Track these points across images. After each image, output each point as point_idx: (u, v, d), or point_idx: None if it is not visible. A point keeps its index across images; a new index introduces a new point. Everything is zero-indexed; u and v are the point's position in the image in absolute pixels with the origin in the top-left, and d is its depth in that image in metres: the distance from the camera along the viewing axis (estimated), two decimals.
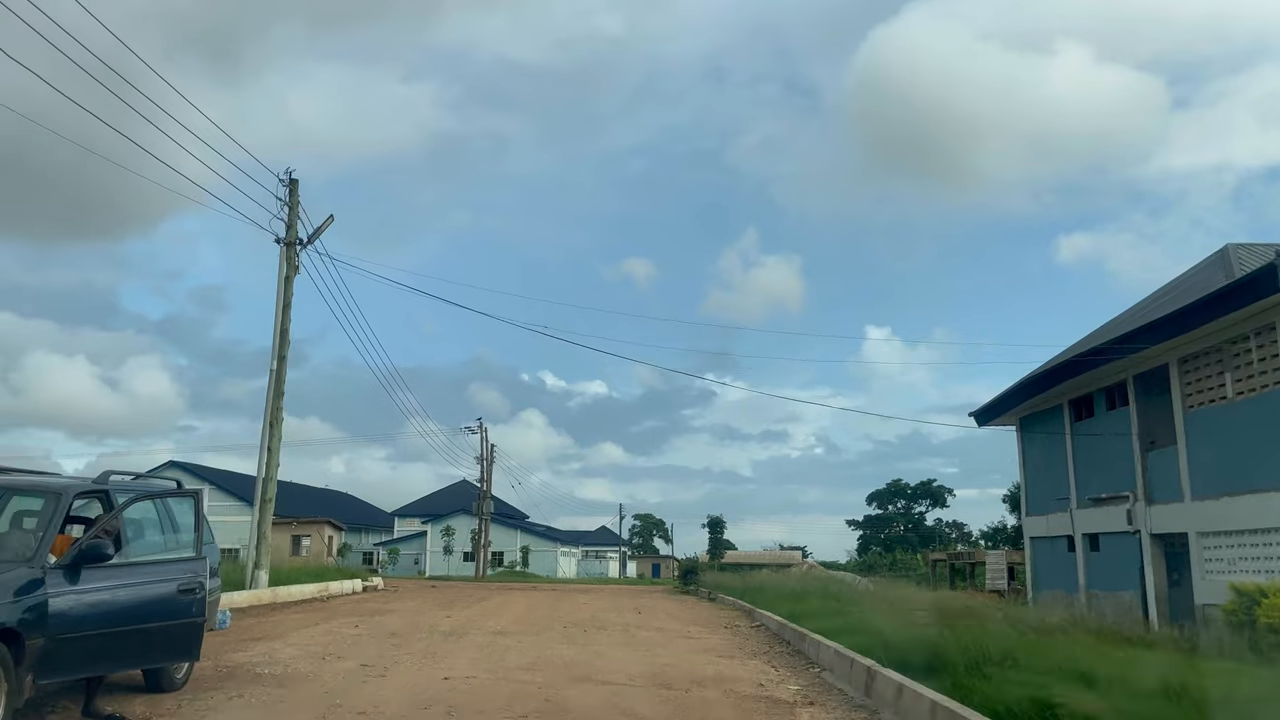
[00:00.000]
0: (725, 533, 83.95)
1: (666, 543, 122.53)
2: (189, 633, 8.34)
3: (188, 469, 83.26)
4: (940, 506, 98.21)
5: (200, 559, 8.70)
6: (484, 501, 56.73)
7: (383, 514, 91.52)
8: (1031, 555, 34.83)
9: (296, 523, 57.86)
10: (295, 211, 20.34)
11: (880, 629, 12.91)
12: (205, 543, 10.42)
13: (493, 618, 17.40)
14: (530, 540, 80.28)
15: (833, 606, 16.51)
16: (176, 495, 9.23)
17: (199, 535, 8.83)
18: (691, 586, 38.43)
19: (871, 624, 13.77)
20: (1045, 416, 33.23)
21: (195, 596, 8.36)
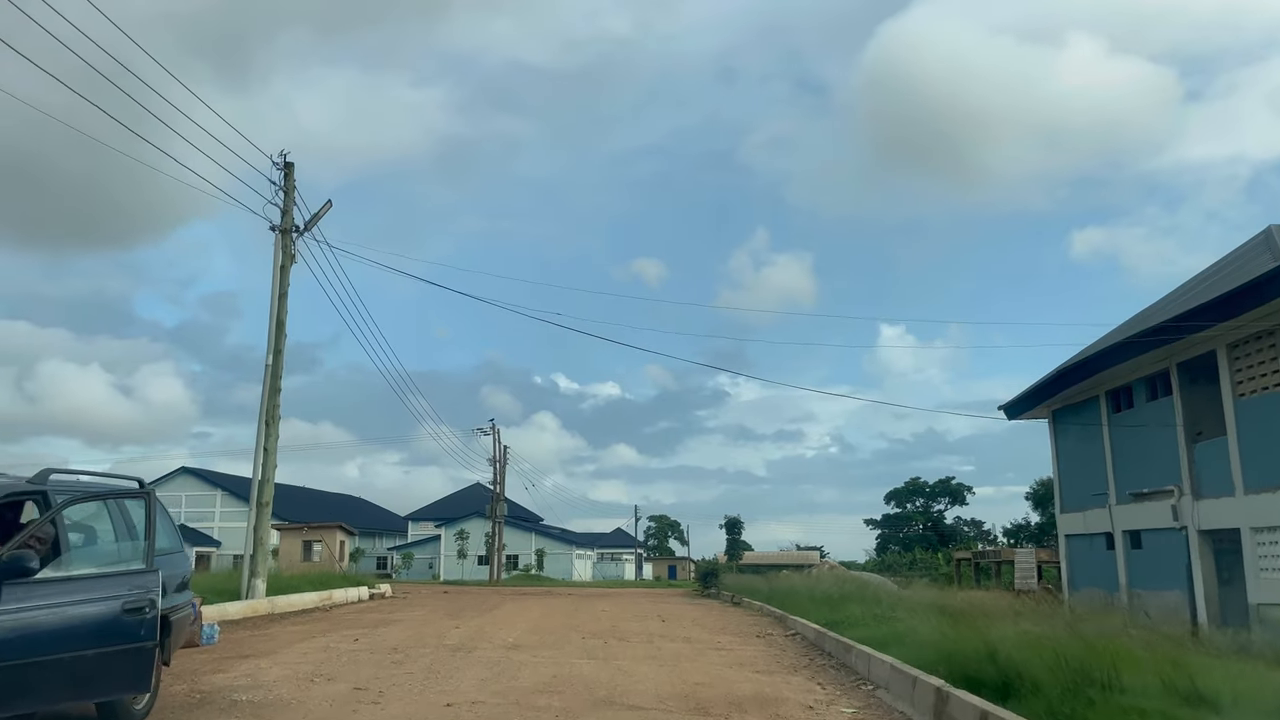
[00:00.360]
0: (742, 533, 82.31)
1: (682, 544, 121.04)
2: (137, 661, 6.92)
3: (200, 474, 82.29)
4: (959, 504, 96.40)
5: (151, 572, 7.27)
6: (497, 504, 55.23)
7: (396, 518, 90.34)
8: (1067, 553, 33.22)
9: (308, 528, 56.62)
10: (291, 197, 18.97)
11: (934, 638, 11.46)
12: (171, 551, 9.02)
13: (505, 628, 15.97)
14: (545, 543, 78.88)
15: (874, 612, 15.04)
16: (125, 495, 7.79)
17: (150, 543, 7.41)
18: (712, 590, 36.86)
19: (922, 632, 12.33)
20: (1080, 409, 31.66)
21: (144, 617, 6.94)
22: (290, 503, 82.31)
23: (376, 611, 20.23)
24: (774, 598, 22.45)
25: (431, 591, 37.59)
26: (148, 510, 7.55)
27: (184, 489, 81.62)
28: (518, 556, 78.52)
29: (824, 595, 19.49)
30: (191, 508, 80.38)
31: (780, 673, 11.55)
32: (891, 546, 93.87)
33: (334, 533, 56.16)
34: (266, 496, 19.50)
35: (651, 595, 37.58)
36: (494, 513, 55.31)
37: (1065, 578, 33.23)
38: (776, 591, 23.38)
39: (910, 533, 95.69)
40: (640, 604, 26.50)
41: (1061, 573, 33.93)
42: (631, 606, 24.28)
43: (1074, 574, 32.85)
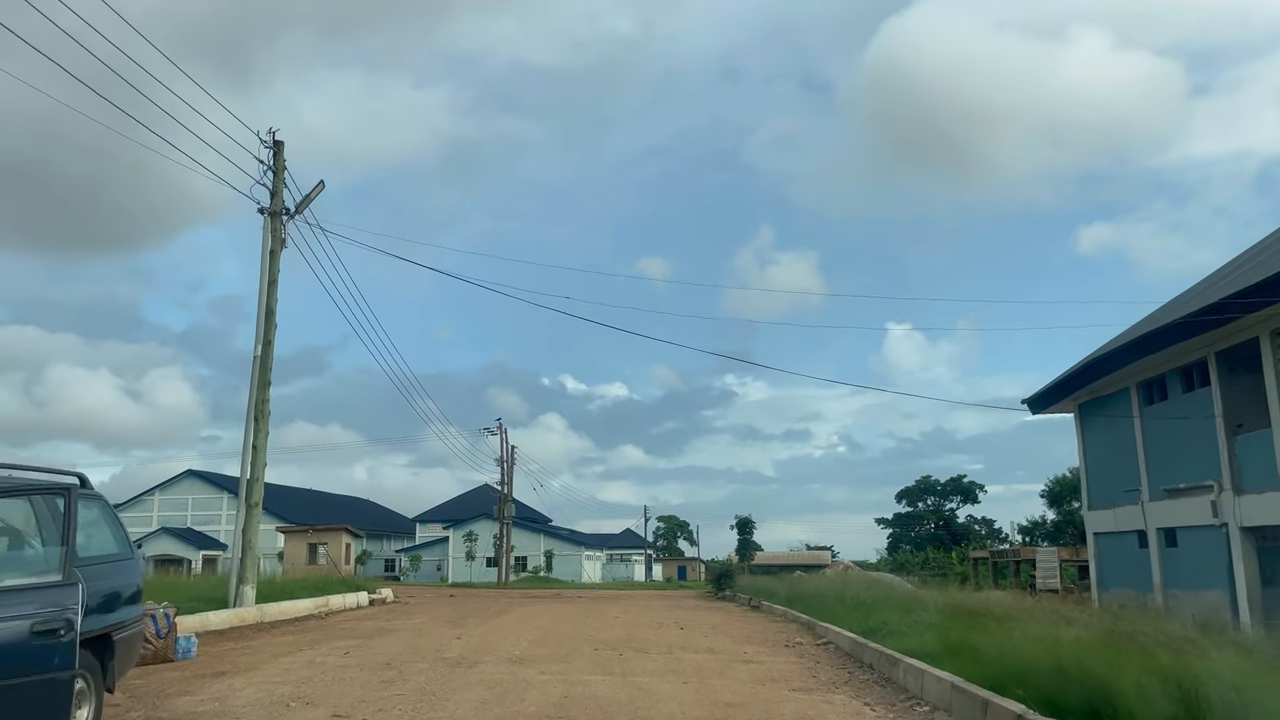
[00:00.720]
0: (754, 534, 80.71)
1: (691, 544, 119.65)
2: (50, 695, 5.55)
3: (206, 477, 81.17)
4: (971, 503, 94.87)
5: (68, 585, 5.87)
6: (505, 504, 53.75)
7: (404, 520, 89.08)
8: (1096, 552, 31.72)
9: (313, 531, 55.33)
10: (280, 177, 17.56)
11: (993, 650, 10.06)
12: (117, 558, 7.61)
13: (510, 637, 14.58)
14: (554, 544, 77.51)
15: (912, 618, 13.61)
16: (36, 492, 6.33)
17: (68, 550, 6.00)
18: (726, 592, 35.45)
19: (974, 642, 10.93)
20: (1109, 401, 30.18)
21: (60, 640, 5.57)
22: (297, 505, 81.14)
23: (374, 619, 18.84)
24: (796, 601, 21.01)
25: (437, 595, 36.18)
26: (68, 510, 6.14)
27: (191, 491, 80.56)
28: (526, 558, 77.19)
29: (853, 599, 18.05)
30: (198, 510, 79.30)
31: (820, 690, 10.14)
32: (903, 546, 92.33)
33: (339, 535, 54.83)
34: (256, 497, 18.12)
35: (663, 598, 36.14)
36: (501, 514, 53.87)
37: (1094, 577, 31.74)
38: (800, 595, 21.93)
39: (922, 531, 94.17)
40: (654, 608, 25.09)
41: (1090, 572, 32.44)
42: (645, 611, 22.86)
43: (1103, 573, 31.35)
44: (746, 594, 29.83)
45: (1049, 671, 8.58)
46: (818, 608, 18.33)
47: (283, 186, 17.63)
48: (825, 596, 19.43)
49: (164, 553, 74.60)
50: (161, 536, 75.56)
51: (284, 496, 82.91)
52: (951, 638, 11.41)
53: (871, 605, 16.20)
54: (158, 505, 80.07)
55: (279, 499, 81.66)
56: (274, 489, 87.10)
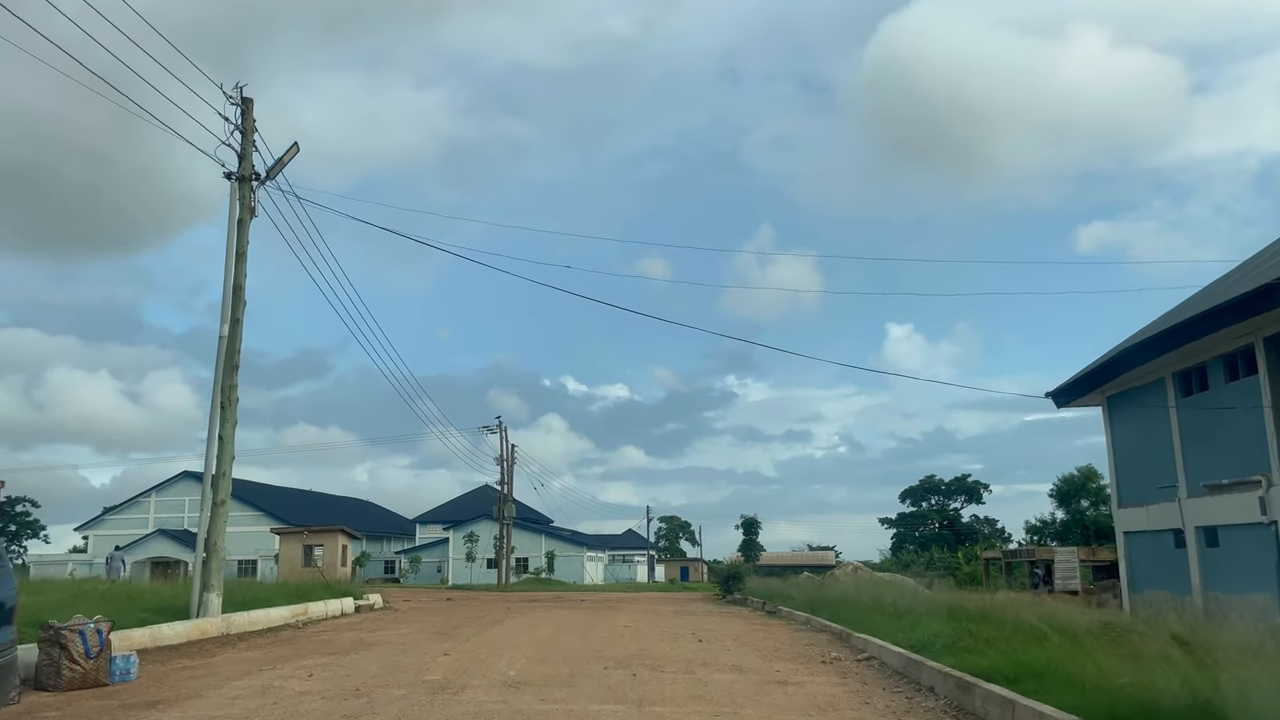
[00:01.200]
0: (759, 534, 78.48)
1: (693, 545, 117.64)
2: None
3: (199, 477, 79.12)
4: (976, 503, 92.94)
5: None
6: (505, 505, 51.63)
7: (405, 521, 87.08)
8: (1127, 552, 29.74)
9: (308, 532, 53.23)
10: (250, 138, 15.54)
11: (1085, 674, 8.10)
12: None
13: (506, 653, 12.57)
14: (555, 545, 75.46)
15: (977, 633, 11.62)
16: None
17: None
18: (736, 595, 33.36)
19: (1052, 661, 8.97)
20: (1142, 393, 28.21)
21: None
22: (294, 506, 79.10)
23: (356, 629, 16.81)
24: (821, 607, 18.97)
25: (433, 599, 34.13)
26: None
27: (187, 493, 78.51)
28: (527, 559, 75.19)
29: (891, 605, 16.08)
30: (195, 512, 77.04)
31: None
32: (908, 545, 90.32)
33: (336, 537, 52.75)
34: (223, 493, 16.13)
35: (670, 601, 34.08)
36: (501, 514, 51.78)
37: (1125, 579, 29.77)
38: (823, 600, 19.85)
39: (926, 531, 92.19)
40: (663, 614, 23.08)
41: (1119, 573, 30.47)
42: (655, 618, 20.83)
43: (1135, 575, 29.38)
44: (759, 597, 27.81)
45: (1190, 711, 6.61)
46: (847, 615, 16.33)
47: (252, 149, 15.64)
48: (855, 602, 17.44)
49: (160, 555, 72.60)
50: (158, 539, 73.58)
51: (280, 497, 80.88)
52: (1021, 655, 9.47)
53: (908, 612, 14.21)
54: (154, 507, 78.09)
55: (275, 500, 79.65)
56: (270, 490, 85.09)
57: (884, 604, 15.81)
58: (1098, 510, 63.60)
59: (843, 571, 49.51)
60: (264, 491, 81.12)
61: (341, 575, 55.25)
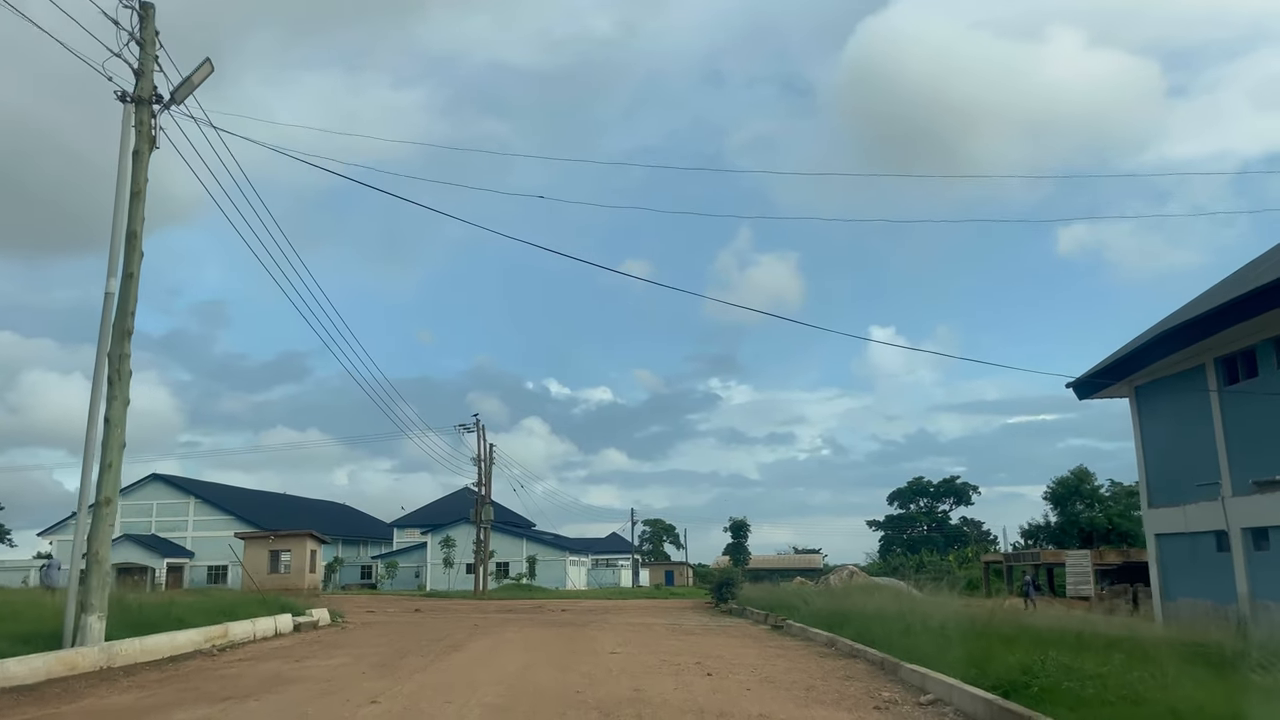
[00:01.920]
0: (748, 537, 75.07)
1: (677, 548, 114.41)
2: None
3: (172, 481, 75.28)
4: (964, 505, 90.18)
5: None
6: (482, 507, 48.05)
7: (383, 525, 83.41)
8: (1158, 556, 26.74)
9: (274, 537, 49.76)
10: (150, 52, 12.22)
11: None
12: None
13: (458, 698, 9.24)
14: (537, 549, 72.00)
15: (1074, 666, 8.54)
16: None
17: None
18: (731, 604, 30.13)
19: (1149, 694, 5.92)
20: (1177, 381, 25.26)
21: None
22: (268, 510, 75.37)
23: (282, 657, 13.43)
24: (840, 623, 15.74)
25: (400, 610, 30.74)
26: None
27: (155, 496, 74.67)
28: (508, 564, 71.71)
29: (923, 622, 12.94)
30: (163, 516, 73.42)
31: None
32: (896, 548, 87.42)
33: (304, 541, 49.31)
34: (108, 491, 12.77)
35: (660, 611, 30.78)
36: (478, 517, 48.27)
37: (1157, 585, 26.77)
38: (842, 613, 16.51)
39: (915, 534, 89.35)
40: (655, 630, 19.86)
41: (1151, 579, 27.48)
42: (648, 638, 17.57)
43: (1168, 581, 26.39)
44: (760, 608, 24.60)
45: None
46: (879, 634, 13.16)
47: (153, 66, 12.35)
48: (879, 616, 14.27)
49: (126, 561, 68.71)
50: (124, 544, 69.57)
51: (253, 501, 77.12)
52: (1157, 698, 6.41)
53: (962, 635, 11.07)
54: (120, 511, 73.90)
55: (247, 503, 75.88)
56: (242, 493, 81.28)
57: (915, 619, 12.69)
58: (1093, 512, 60.87)
59: (837, 576, 46.49)
60: (235, 495, 77.34)
61: (310, 582, 51.76)
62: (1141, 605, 38.85)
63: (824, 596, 23.47)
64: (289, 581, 49.16)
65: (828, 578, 45.22)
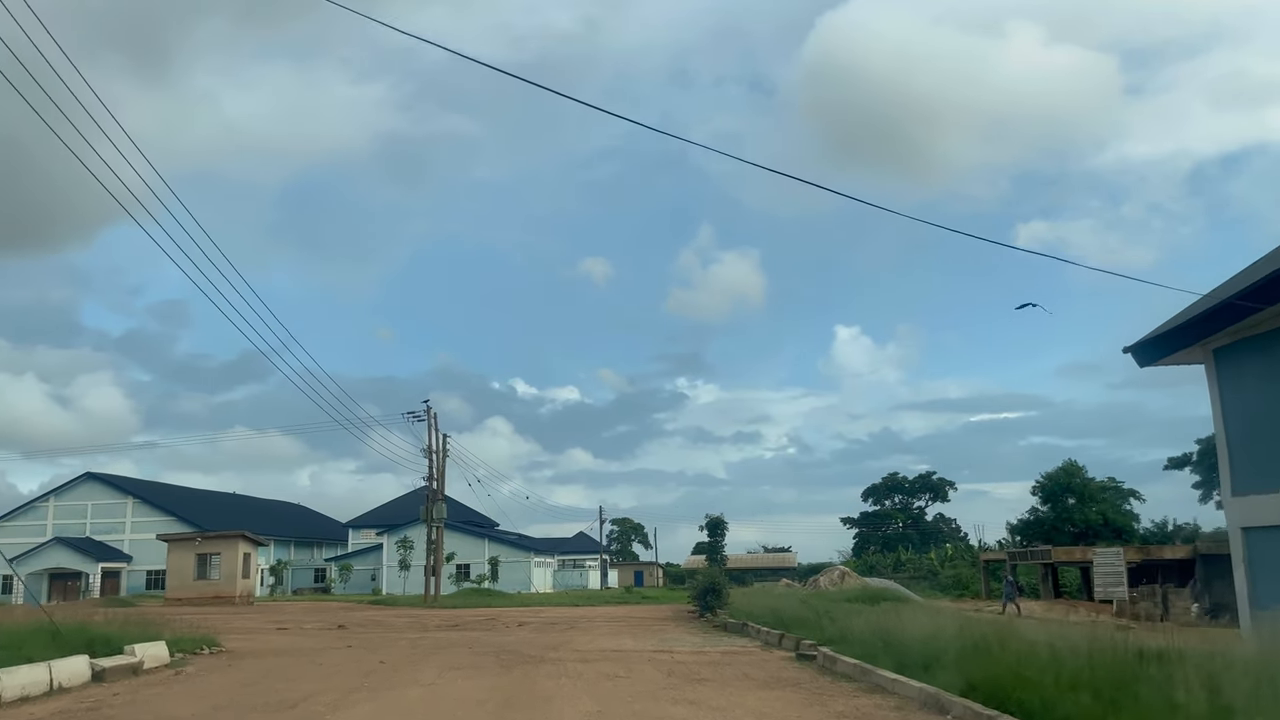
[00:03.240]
0: (725, 536, 68.98)
1: (646, 547, 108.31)
2: None
3: (108, 480, 67.98)
4: (941, 500, 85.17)
5: None
6: (434, 504, 41.57)
7: (338, 526, 76.59)
8: (1246, 554, 21.13)
9: (201, 538, 43.11)
10: None
11: None
12: None
13: None
14: (500, 550, 65.71)
15: None
16: None
17: None
18: (721, 614, 24.16)
19: None
20: (1268, 341, 19.81)
21: None
22: (214, 511, 68.31)
23: None
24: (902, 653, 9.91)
25: (321, 625, 24.48)
26: None
27: (90, 496, 67.35)
28: (469, 566, 65.35)
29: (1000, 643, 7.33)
30: (99, 517, 66.08)
31: None
32: (871, 546, 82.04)
33: (235, 544, 42.74)
34: None
35: (637, 624, 24.76)
36: (430, 514, 41.85)
37: (1245, 591, 21.21)
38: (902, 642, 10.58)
39: (890, 531, 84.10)
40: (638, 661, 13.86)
41: (1237, 583, 21.97)
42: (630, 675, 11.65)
43: (1259, 586, 20.79)
44: (764, 623, 18.65)
45: None
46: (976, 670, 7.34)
47: None
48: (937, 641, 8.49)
49: (58, 566, 61.52)
50: (55, 548, 62.31)
51: (197, 501, 70.05)
52: None
53: None
54: (53, 513, 66.67)
55: (191, 504, 68.75)
56: (186, 493, 73.81)
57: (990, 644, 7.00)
58: (1087, 507, 55.79)
59: (827, 578, 40.72)
60: (177, 494, 70.21)
61: (243, 589, 45.21)
62: (1172, 608, 33.52)
63: (844, 607, 17.70)
64: (219, 589, 42.57)
65: (817, 579, 39.49)
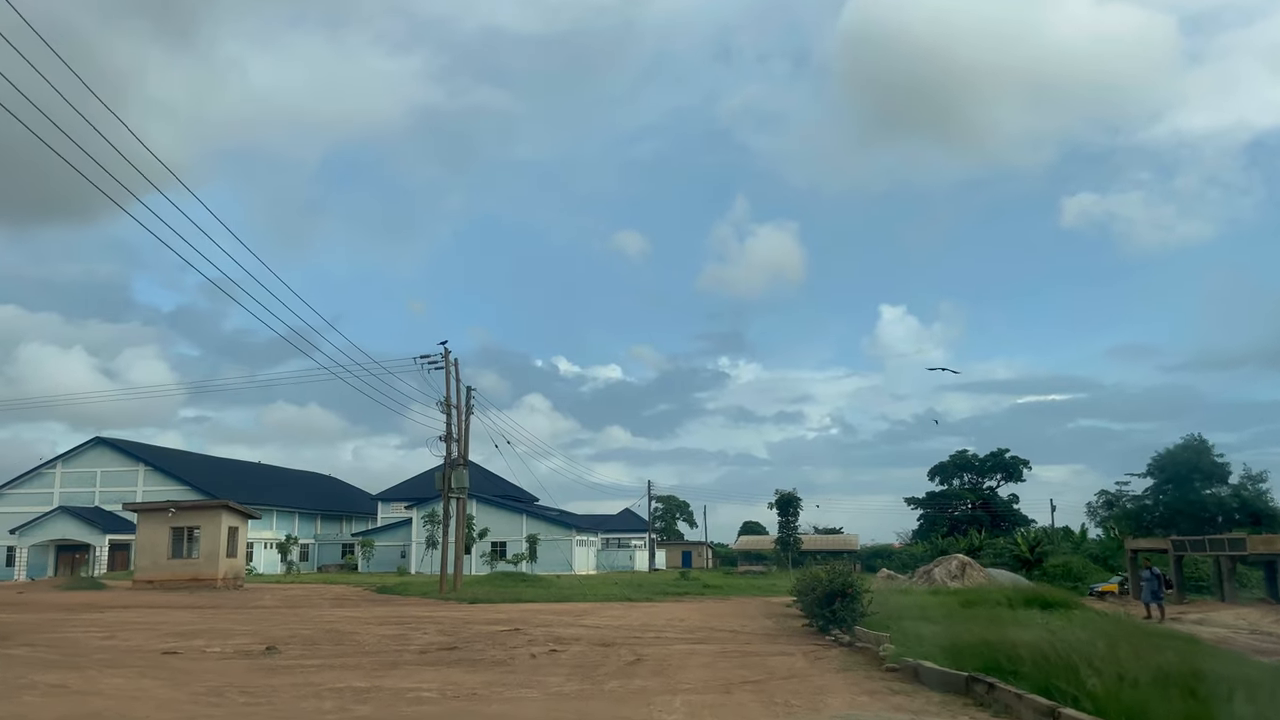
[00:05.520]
0: (798, 516, 58.36)
1: (690, 526, 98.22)
2: None
3: (118, 446, 59.50)
4: (1015, 481, 74.02)
5: None
6: (453, 470, 31.50)
7: (368, 499, 67.58)
8: None
9: (176, 508, 33.86)
10: None
11: None
12: None
13: None
14: (539, 528, 56.27)
15: None
16: None
17: None
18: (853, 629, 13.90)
19: None
20: None
21: None
22: (229, 479, 59.35)
23: None
24: None
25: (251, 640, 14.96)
26: None
27: (100, 463, 58.76)
28: (504, 544, 55.88)
29: None
30: (108, 485, 57.40)
31: None
32: (939, 528, 71.13)
33: (217, 515, 33.47)
34: None
35: (738, 655, 14.05)
36: (446, 481, 31.80)
37: None
38: None
39: (958, 512, 73.21)
40: None
41: None
42: None
43: None
44: (962, 663, 8.59)
45: None
46: None
47: None
48: None
49: (62, 538, 53.22)
50: (60, 518, 53.89)
51: (210, 469, 61.22)
52: None
53: None
54: (59, 480, 58.19)
55: (202, 471, 59.84)
56: (198, 460, 64.48)
57: None
58: (1219, 492, 44.64)
59: (943, 569, 30.44)
60: (193, 462, 61.56)
61: (229, 569, 35.94)
62: None
63: (1055, 626, 7.71)
64: (199, 569, 33.35)
65: (930, 570, 29.28)
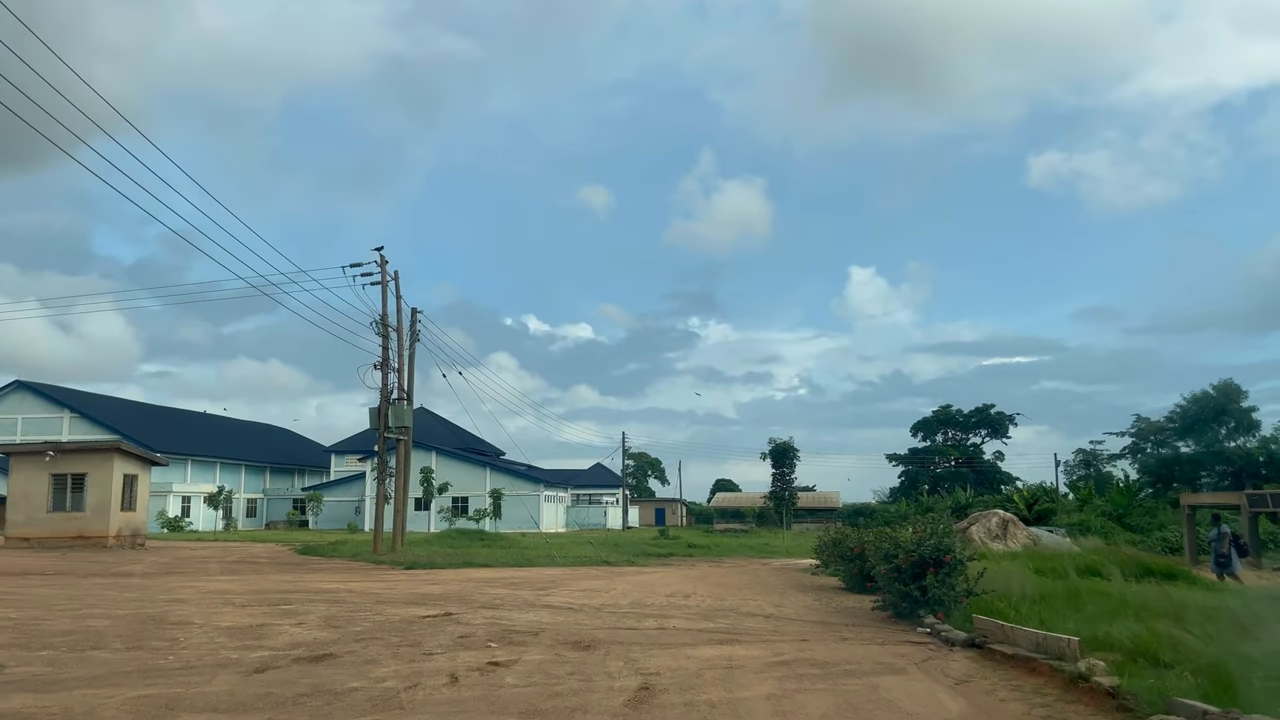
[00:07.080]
0: (795, 467, 51.91)
1: (662, 484, 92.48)
2: None
3: (40, 391, 52.02)
4: (1000, 437, 68.77)
5: None
6: (389, 404, 24.73)
7: (319, 450, 60.63)
8: None
9: (56, 453, 26.89)
10: None
11: None
12: None
13: None
14: (504, 481, 49.91)
15: None
16: None
17: None
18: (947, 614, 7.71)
19: None
20: None
21: None
22: (167, 429, 52.36)
23: None
24: None
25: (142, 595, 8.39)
26: None
27: (20, 409, 51.21)
28: (466, 500, 49.43)
29: None
30: (30, 434, 49.83)
31: None
32: (921, 485, 65.83)
33: (108, 459, 26.59)
34: None
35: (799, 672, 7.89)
36: (380, 419, 25.22)
37: None
38: None
39: (942, 469, 67.88)
40: None
41: None
42: None
43: None
44: None
45: None
46: None
47: None
48: None
49: None
50: None
51: (146, 417, 53.93)
52: None
53: None
54: None
55: (136, 420, 52.56)
56: (131, 407, 56.84)
57: None
58: (1249, 440, 39.31)
59: (981, 526, 24.58)
60: (126, 409, 54.15)
61: (124, 525, 29.13)
62: None
63: None
64: (85, 524, 26.54)
65: (968, 529, 23.20)
